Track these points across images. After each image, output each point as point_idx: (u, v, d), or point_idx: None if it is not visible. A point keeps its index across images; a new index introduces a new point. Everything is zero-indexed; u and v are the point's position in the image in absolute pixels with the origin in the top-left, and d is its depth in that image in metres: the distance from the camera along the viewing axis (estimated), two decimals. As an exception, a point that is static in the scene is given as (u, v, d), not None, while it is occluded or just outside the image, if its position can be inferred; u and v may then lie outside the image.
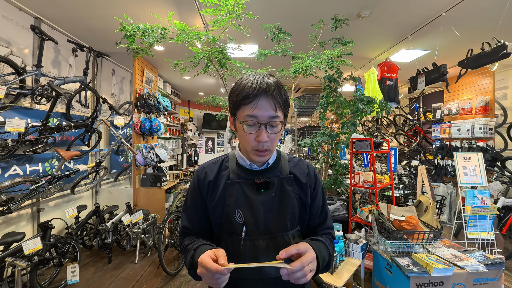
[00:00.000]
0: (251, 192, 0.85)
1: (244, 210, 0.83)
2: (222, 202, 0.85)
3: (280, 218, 0.84)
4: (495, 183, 3.43)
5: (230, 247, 0.83)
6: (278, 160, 0.92)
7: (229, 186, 0.86)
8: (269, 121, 0.77)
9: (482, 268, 1.53)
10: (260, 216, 0.83)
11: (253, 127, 0.78)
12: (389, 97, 3.77)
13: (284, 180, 0.88)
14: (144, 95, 3.58)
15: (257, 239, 0.82)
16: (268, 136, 0.78)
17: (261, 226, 0.82)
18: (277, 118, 0.78)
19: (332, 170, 3.26)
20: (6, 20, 2.47)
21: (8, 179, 2.36)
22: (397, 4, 2.66)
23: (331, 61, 2.85)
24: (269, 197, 0.85)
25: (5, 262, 1.90)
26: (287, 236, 0.84)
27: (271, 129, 0.79)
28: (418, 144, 5.36)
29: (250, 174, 0.87)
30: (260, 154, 0.81)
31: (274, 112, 0.77)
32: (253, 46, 3.62)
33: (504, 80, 4.38)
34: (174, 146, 5.94)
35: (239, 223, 0.83)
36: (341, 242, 1.87)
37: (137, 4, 2.62)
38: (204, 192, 0.88)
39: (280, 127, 0.80)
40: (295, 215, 0.86)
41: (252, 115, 0.77)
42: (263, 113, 0.76)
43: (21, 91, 2.44)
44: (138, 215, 3.02)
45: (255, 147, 0.80)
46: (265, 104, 0.76)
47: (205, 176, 0.89)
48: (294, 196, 0.87)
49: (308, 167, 0.94)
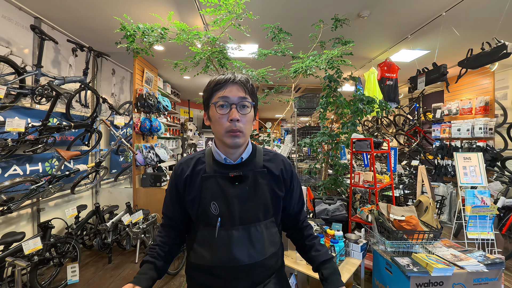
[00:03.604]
0: (226, 185, 0.89)
1: (219, 202, 0.88)
2: (198, 195, 0.90)
3: (253, 210, 0.89)
4: (495, 183, 3.43)
5: (206, 237, 0.89)
6: (253, 155, 0.97)
7: (205, 180, 0.90)
8: (240, 101, 0.85)
9: (482, 268, 1.53)
10: (234, 208, 0.88)
11: (225, 108, 0.85)
12: (389, 97, 3.77)
13: (258, 173, 0.93)
14: (144, 95, 3.58)
15: (231, 229, 0.87)
16: (239, 117, 0.85)
17: (235, 218, 0.87)
18: (246, 99, 0.87)
19: (332, 170, 3.25)
20: (6, 20, 2.47)
21: (8, 179, 2.36)
22: (397, 4, 2.66)
23: (331, 61, 2.85)
24: (243, 190, 0.90)
25: (5, 262, 1.90)
26: (259, 226, 0.90)
27: (242, 110, 0.86)
28: (418, 144, 5.36)
29: (225, 168, 0.92)
30: (234, 135, 0.86)
31: (244, 94, 0.87)
32: (253, 46, 3.62)
33: (504, 80, 4.38)
34: (174, 146, 5.94)
35: (214, 215, 0.88)
36: (341, 242, 1.87)
37: (137, 4, 2.62)
38: (181, 186, 0.93)
39: (250, 110, 0.88)
40: (268, 206, 0.92)
41: (223, 96, 0.85)
42: (233, 94, 0.85)
43: (21, 91, 2.44)
44: (138, 215, 3.02)
45: (228, 128, 0.85)
46: (235, 88, 0.86)
47: (182, 171, 0.94)
48: (267, 189, 0.93)
49: (283, 162, 1.00)
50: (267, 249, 0.90)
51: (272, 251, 0.92)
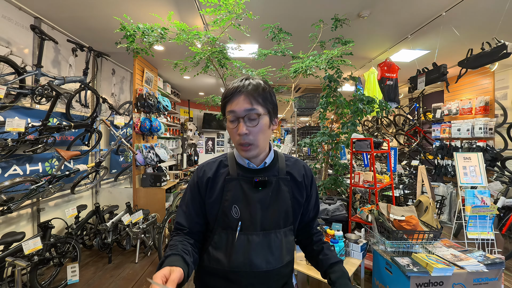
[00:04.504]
0: (249, 189, 0.88)
1: (241, 206, 0.87)
2: (220, 197, 0.88)
3: (275, 216, 0.88)
4: (495, 183, 3.43)
5: (224, 240, 0.87)
6: (276, 160, 0.95)
7: (228, 182, 0.89)
8: (246, 114, 0.82)
9: (482, 268, 1.53)
10: (256, 213, 0.86)
11: (234, 122, 0.83)
12: (389, 97, 3.77)
13: (281, 180, 0.92)
14: (144, 95, 3.58)
15: (251, 234, 0.85)
16: (248, 129, 0.82)
17: (257, 223, 0.86)
18: (254, 110, 0.82)
19: (332, 170, 3.25)
20: (6, 20, 2.47)
21: (8, 179, 2.36)
22: (397, 4, 2.66)
23: (331, 61, 2.85)
24: (266, 195, 0.88)
25: (5, 262, 1.91)
26: (279, 233, 0.88)
27: (250, 122, 0.82)
28: (418, 144, 5.36)
29: (248, 173, 0.90)
30: (244, 149, 0.84)
31: (250, 106, 0.82)
32: (253, 46, 3.62)
33: (504, 80, 4.38)
34: (174, 146, 5.94)
35: (235, 218, 0.86)
36: (341, 242, 1.87)
37: (137, 4, 2.61)
38: (202, 189, 0.91)
39: (259, 121, 0.83)
40: (289, 214, 0.91)
41: (231, 110, 0.83)
42: (239, 107, 0.82)
43: (21, 91, 2.44)
44: (138, 215, 3.02)
45: (238, 141, 0.84)
46: (241, 99, 0.82)
47: (204, 174, 0.92)
48: (289, 196, 0.92)
49: (304, 168, 0.99)
50: (284, 257, 0.89)
51: (288, 259, 0.91)
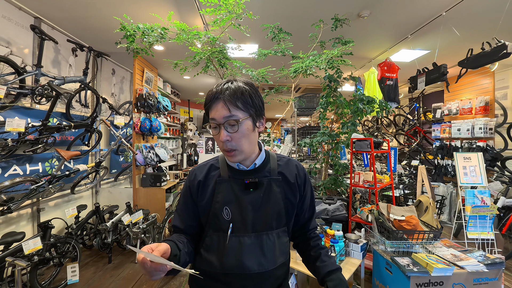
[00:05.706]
0: (240, 191, 0.88)
1: (232, 207, 0.86)
2: (211, 199, 0.88)
3: (266, 218, 0.87)
4: (495, 183, 3.43)
5: (215, 243, 0.86)
6: (267, 160, 0.94)
7: (219, 184, 0.89)
8: (226, 121, 0.80)
9: (482, 268, 1.53)
10: (248, 215, 0.85)
11: (216, 129, 0.83)
12: (389, 97, 3.77)
13: (273, 181, 0.91)
14: (144, 95, 3.58)
15: (242, 236, 0.85)
16: (229, 136, 0.81)
17: (248, 224, 0.85)
18: (233, 117, 0.80)
19: (332, 170, 3.25)
20: (6, 20, 2.47)
21: (8, 179, 2.36)
22: (397, 4, 2.66)
23: (331, 61, 2.85)
24: (257, 197, 0.88)
25: (5, 262, 1.90)
26: (271, 235, 0.88)
27: (231, 128, 0.81)
28: (418, 144, 5.36)
29: (239, 174, 0.90)
30: (228, 154, 0.84)
31: (228, 112, 0.80)
32: (253, 46, 3.62)
33: (504, 80, 4.38)
34: (174, 146, 5.94)
35: (226, 220, 0.85)
36: (341, 242, 1.87)
37: (137, 4, 2.61)
38: (194, 193, 0.91)
39: (240, 127, 0.81)
40: (281, 215, 0.90)
41: (212, 118, 0.83)
42: (219, 115, 0.81)
43: (21, 91, 2.44)
44: (138, 215, 3.02)
45: (222, 148, 0.84)
46: (220, 106, 0.81)
47: (195, 177, 0.93)
48: (281, 197, 0.91)
49: (297, 167, 0.97)
50: (278, 259, 0.88)
51: (282, 261, 0.90)
